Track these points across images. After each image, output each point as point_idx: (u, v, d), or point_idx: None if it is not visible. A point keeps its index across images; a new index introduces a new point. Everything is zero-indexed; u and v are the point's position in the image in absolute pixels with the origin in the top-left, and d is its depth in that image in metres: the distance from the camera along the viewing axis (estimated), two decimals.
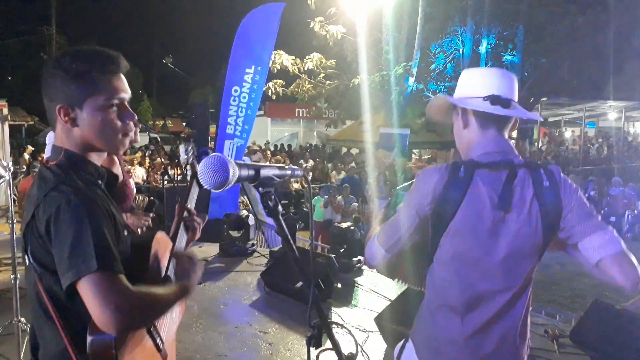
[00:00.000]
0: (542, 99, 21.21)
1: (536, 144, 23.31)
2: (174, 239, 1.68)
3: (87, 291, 1.22)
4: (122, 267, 1.29)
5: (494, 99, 1.70)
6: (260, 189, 1.25)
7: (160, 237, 1.69)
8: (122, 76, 1.46)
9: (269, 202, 1.26)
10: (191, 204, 1.81)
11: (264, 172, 1.26)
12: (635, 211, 12.58)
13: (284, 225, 1.29)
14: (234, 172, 1.15)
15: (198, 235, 1.84)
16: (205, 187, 1.17)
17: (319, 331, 1.34)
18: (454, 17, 15.41)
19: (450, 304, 1.72)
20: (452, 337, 1.72)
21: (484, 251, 1.66)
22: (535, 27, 17.98)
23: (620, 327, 3.93)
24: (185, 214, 1.77)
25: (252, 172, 1.23)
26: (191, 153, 2.00)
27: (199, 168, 1.16)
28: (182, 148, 2.04)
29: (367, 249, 1.86)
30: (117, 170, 3.07)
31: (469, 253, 1.67)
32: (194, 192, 1.84)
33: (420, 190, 1.72)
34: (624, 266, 1.59)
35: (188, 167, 2.00)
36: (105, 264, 1.24)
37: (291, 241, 1.32)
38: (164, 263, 1.66)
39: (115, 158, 3.12)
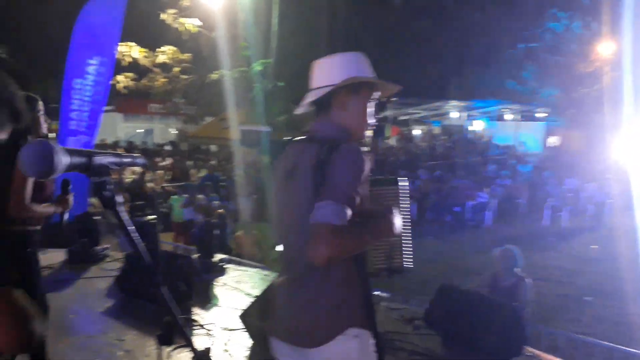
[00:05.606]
0: (392, 99, 22.59)
1: (387, 140, 24.79)
2: None
3: None
4: None
5: None
6: (93, 178, 1.11)
7: None
8: None
9: (104, 193, 1.12)
10: None
11: (97, 160, 1.12)
12: (475, 201, 13.89)
13: (124, 219, 1.16)
14: (60, 160, 1.01)
15: None
16: (29, 176, 1.02)
17: (167, 329, 1.25)
18: (309, 16, 15.74)
19: None
20: None
21: None
22: (384, 29, 19.11)
23: (465, 306, 4.26)
24: None
25: (83, 159, 1.08)
26: None
27: (21, 155, 1.00)
28: None
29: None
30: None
31: None
32: None
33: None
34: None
35: None
36: None
37: (133, 236, 1.20)
38: None
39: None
